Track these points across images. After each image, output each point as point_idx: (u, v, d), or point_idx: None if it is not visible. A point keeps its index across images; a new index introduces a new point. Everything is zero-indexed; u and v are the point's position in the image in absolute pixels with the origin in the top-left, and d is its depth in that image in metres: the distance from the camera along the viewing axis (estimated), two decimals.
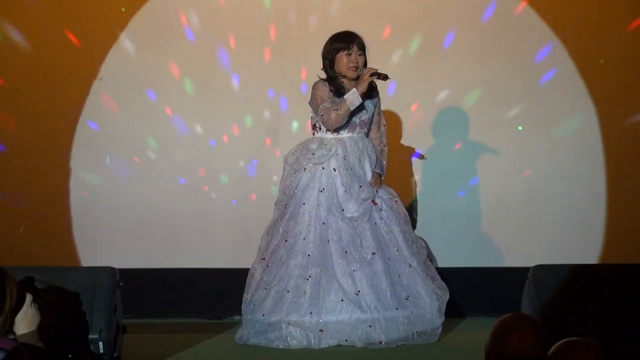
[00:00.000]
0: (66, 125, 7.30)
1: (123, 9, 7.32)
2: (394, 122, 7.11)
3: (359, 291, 5.81)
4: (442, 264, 6.99)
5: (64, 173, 7.31)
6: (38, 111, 7.29)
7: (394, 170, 6.61)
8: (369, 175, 6.08)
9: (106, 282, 5.12)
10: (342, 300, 5.79)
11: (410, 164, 7.32)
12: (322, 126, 6.08)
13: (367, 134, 6.18)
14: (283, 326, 5.82)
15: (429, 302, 5.87)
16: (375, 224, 5.99)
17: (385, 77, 5.94)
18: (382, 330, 5.77)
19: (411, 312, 5.83)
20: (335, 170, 6.03)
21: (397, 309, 5.81)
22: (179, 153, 7.36)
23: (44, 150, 7.31)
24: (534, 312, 5.26)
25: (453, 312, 6.07)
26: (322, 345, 5.77)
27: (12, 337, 3.56)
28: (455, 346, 5.93)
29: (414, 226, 6.46)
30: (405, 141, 7.31)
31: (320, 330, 5.77)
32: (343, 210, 5.98)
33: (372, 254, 5.89)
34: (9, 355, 3.24)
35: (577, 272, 5.42)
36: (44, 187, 7.31)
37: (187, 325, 6.87)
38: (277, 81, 7.29)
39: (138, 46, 7.33)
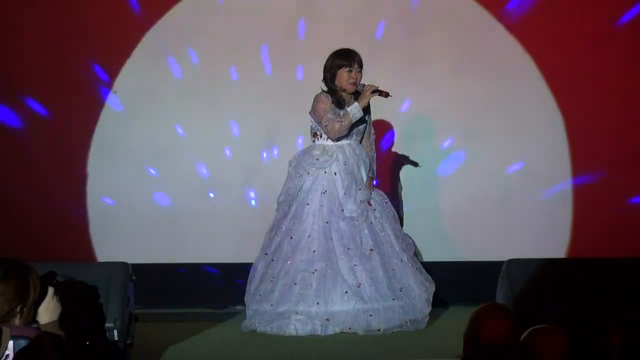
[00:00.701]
0: (84, 132, 7.29)
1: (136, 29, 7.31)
2: (380, 127, 7.11)
3: (360, 284, 5.87)
4: (421, 258, 6.97)
5: (82, 177, 7.30)
6: (59, 119, 7.28)
7: (380, 172, 6.64)
8: (365, 178, 6.14)
9: (120, 276, 5.14)
10: (346, 292, 5.84)
11: (394, 167, 7.31)
12: (322, 134, 6.12)
13: (360, 141, 6.22)
14: (291, 315, 5.85)
15: (418, 293, 5.95)
16: (371, 223, 6.04)
17: (386, 95, 6.02)
18: (381, 319, 5.84)
19: (405, 302, 5.90)
20: (336, 174, 6.08)
21: (393, 299, 5.88)
22: (187, 156, 7.34)
23: (64, 155, 7.29)
24: (508, 302, 5.29)
25: (433, 301, 6.07)
26: (328, 333, 5.82)
27: (36, 326, 3.58)
28: (440, 333, 5.96)
29: (401, 224, 6.45)
30: (389, 144, 7.33)
31: (326, 320, 5.81)
32: (343, 210, 6.00)
33: (370, 250, 5.96)
34: (32, 342, 3.26)
35: (547, 266, 5.46)
36: (63, 189, 7.30)
37: (194, 314, 6.87)
38: (277, 89, 7.30)
39: (150, 61, 7.32)
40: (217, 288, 7.19)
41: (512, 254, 5.67)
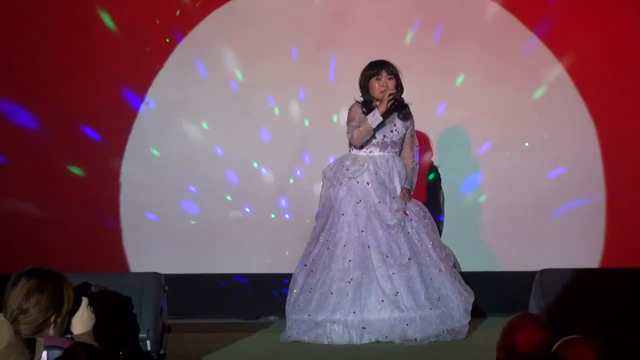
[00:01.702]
0: (117, 146, 7.34)
1: (167, 40, 7.34)
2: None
3: (397, 292, 5.86)
4: (462, 268, 7.01)
5: (116, 189, 7.35)
6: (92, 129, 7.33)
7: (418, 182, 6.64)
8: (399, 189, 6.13)
9: (153, 286, 5.15)
10: (382, 300, 5.84)
11: (431, 177, 7.33)
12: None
13: (399, 153, 6.21)
14: (328, 324, 5.86)
15: (457, 303, 5.94)
16: (408, 232, 6.04)
17: (399, 96, 6.01)
18: (418, 328, 5.82)
19: (442, 311, 5.89)
20: (368, 184, 6.07)
21: (430, 309, 5.86)
22: (219, 169, 7.36)
23: (98, 167, 7.34)
24: (540, 312, 5.26)
25: (473, 312, 6.05)
26: (364, 341, 5.82)
27: (69, 336, 3.59)
28: (475, 343, 5.94)
29: (440, 235, 6.44)
30: (425, 154, 7.32)
31: (362, 328, 5.81)
32: (380, 218, 6.00)
33: (408, 259, 5.95)
34: (66, 353, 3.27)
35: (580, 276, 5.41)
36: (97, 201, 7.35)
37: (226, 324, 6.88)
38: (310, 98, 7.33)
39: (182, 71, 7.36)
40: (250, 298, 7.19)
41: (546, 263, 5.64)
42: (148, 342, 4.94)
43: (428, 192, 7.26)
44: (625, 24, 7.24)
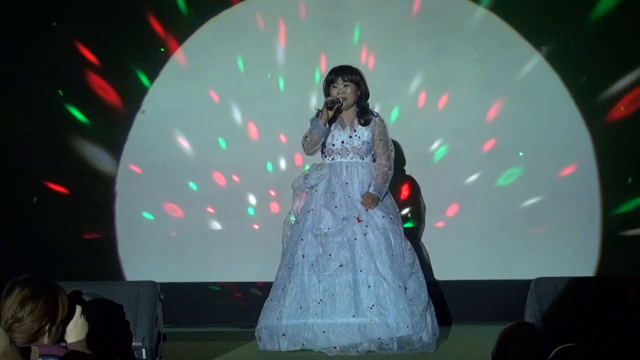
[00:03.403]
0: (112, 152, 7.33)
1: (162, 50, 7.34)
2: (399, 145, 7.13)
3: (321, 300, 5.78)
4: (451, 276, 6.99)
5: (110, 197, 7.34)
6: (90, 136, 7.34)
7: (401, 189, 6.60)
8: (357, 195, 5.98)
9: (148, 294, 5.17)
10: (300, 307, 5.79)
11: (417, 184, 7.31)
12: (324, 151, 6.09)
13: (364, 157, 6.05)
14: (262, 331, 5.91)
15: (395, 313, 5.74)
16: (355, 239, 5.89)
17: (337, 101, 5.90)
18: (336, 335, 5.72)
19: (371, 320, 5.73)
20: (316, 191, 6.04)
21: (353, 316, 5.74)
22: (215, 178, 7.35)
23: (92, 175, 7.33)
24: (536, 321, 5.27)
25: (461, 319, 6.02)
26: (283, 349, 5.79)
27: (64, 345, 3.57)
28: (462, 352, 5.91)
29: (418, 242, 6.37)
30: (413, 161, 7.32)
31: (282, 335, 5.79)
32: (321, 226, 5.93)
33: (339, 266, 5.83)
34: None
35: (575, 284, 5.41)
36: (92, 210, 7.34)
37: (222, 333, 6.86)
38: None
39: (177, 81, 7.35)
40: (246, 307, 7.13)
41: (540, 272, 5.63)
42: (143, 351, 4.95)
43: (414, 197, 7.25)
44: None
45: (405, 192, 7.21)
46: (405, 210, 7.20)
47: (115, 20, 7.30)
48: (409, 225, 7.14)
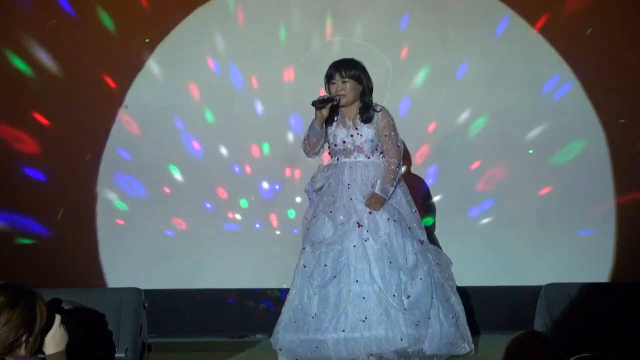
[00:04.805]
0: (93, 151, 7.32)
1: (147, 40, 7.34)
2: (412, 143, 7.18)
3: (315, 314, 5.75)
4: (457, 282, 6.95)
5: (91, 197, 7.32)
6: (66, 137, 7.31)
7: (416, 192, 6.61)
8: (358, 198, 5.91)
9: (132, 302, 5.17)
10: (294, 322, 5.77)
11: (426, 186, 7.32)
12: (330, 152, 6.08)
13: (370, 157, 5.98)
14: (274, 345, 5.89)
15: (390, 326, 5.68)
16: (354, 246, 5.81)
17: (332, 100, 5.85)
18: (331, 350, 5.68)
19: (361, 334, 5.68)
20: (318, 195, 6.02)
21: (343, 331, 5.70)
22: (202, 177, 7.35)
23: (72, 175, 7.32)
24: (546, 330, 5.29)
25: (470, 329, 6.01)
26: None
27: (42, 356, 3.57)
28: None
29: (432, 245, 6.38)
30: (421, 163, 7.32)
31: (279, 349, 5.79)
32: (320, 234, 5.89)
33: (333, 277, 5.79)
34: None
35: (588, 290, 5.41)
36: (72, 210, 7.32)
37: (211, 343, 6.84)
38: (298, 106, 7.21)
39: (162, 75, 7.34)
40: (236, 316, 7.17)
41: (551, 277, 5.67)
42: None
43: (423, 200, 7.25)
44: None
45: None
46: None
47: None
48: None
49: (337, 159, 6.00)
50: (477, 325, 6.63)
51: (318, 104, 5.84)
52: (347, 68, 5.96)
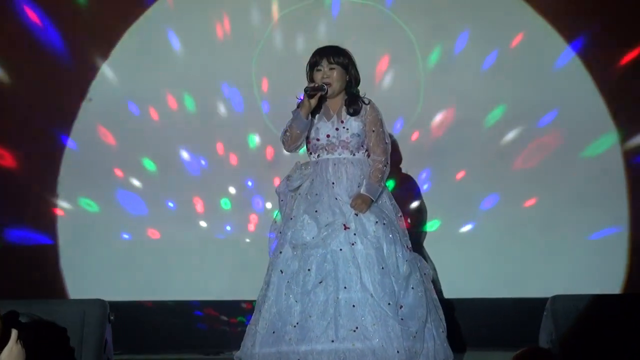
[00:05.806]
0: (53, 149, 7.30)
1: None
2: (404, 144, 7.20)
3: (297, 323, 5.61)
4: (456, 294, 6.98)
5: (51, 199, 7.30)
6: (24, 134, 7.30)
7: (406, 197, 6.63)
8: (344, 198, 5.80)
9: (96, 315, 5.18)
10: (273, 332, 5.64)
11: (421, 191, 7.30)
12: (309, 147, 5.95)
13: (355, 153, 5.87)
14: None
15: (382, 336, 5.58)
16: (341, 250, 5.70)
17: (321, 88, 5.72)
18: None
19: (353, 345, 5.55)
20: (299, 194, 5.89)
21: (332, 341, 5.56)
22: (172, 178, 7.33)
23: (31, 174, 7.30)
24: (552, 346, 5.32)
25: (467, 343, 5.97)
26: None
27: None
28: None
29: (421, 253, 6.36)
30: (415, 166, 7.30)
31: None
32: (301, 236, 5.76)
33: (319, 282, 5.66)
34: None
35: (597, 303, 5.41)
36: (29, 214, 7.30)
37: None
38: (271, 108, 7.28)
39: (127, 67, 7.33)
40: (209, 330, 7.15)
41: (558, 289, 5.65)
42: None
43: (419, 207, 7.24)
44: None
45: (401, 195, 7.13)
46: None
47: None
48: None
49: (318, 155, 5.87)
50: (476, 341, 6.66)
51: (311, 90, 5.70)
52: (335, 54, 5.86)
